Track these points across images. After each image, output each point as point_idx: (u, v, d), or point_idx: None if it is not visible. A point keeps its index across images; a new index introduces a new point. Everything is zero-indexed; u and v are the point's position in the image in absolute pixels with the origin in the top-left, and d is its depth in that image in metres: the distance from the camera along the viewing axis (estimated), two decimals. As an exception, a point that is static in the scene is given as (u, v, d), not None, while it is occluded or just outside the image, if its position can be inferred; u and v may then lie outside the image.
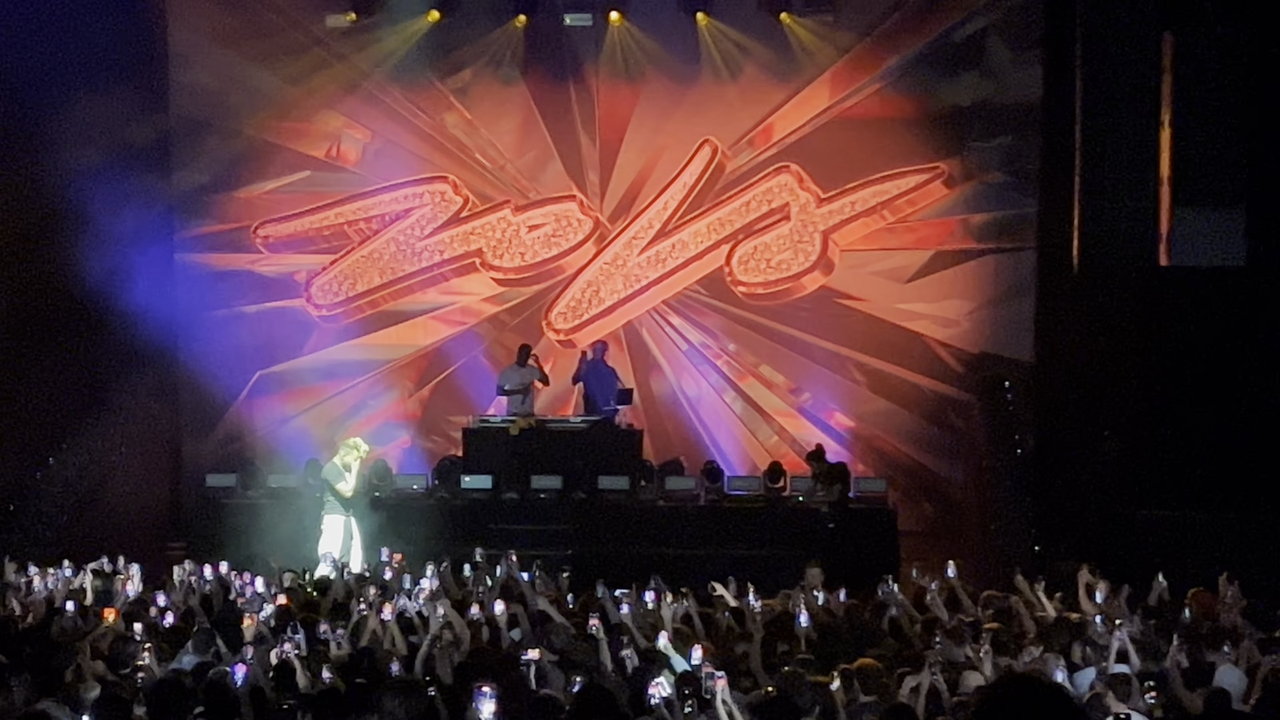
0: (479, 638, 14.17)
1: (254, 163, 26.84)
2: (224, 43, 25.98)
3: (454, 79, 26.48)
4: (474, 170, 26.93)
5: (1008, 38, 25.66)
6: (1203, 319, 22.80)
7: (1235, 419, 22.75)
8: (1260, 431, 22.64)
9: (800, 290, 26.55)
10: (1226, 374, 22.81)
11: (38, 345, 23.31)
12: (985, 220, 26.01)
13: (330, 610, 15.40)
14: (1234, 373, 22.75)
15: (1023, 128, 25.53)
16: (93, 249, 23.80)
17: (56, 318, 23.17)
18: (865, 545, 22.31)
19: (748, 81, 26.20)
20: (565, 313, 26.94)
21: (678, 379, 26.83)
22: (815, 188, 26.38)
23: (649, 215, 26.74)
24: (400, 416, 26.80)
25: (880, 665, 11.96)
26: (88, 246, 23.71)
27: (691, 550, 22.21)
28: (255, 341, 26.43)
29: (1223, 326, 22.63)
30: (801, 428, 26.56)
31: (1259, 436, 22.62)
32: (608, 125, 26.61)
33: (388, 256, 27.02)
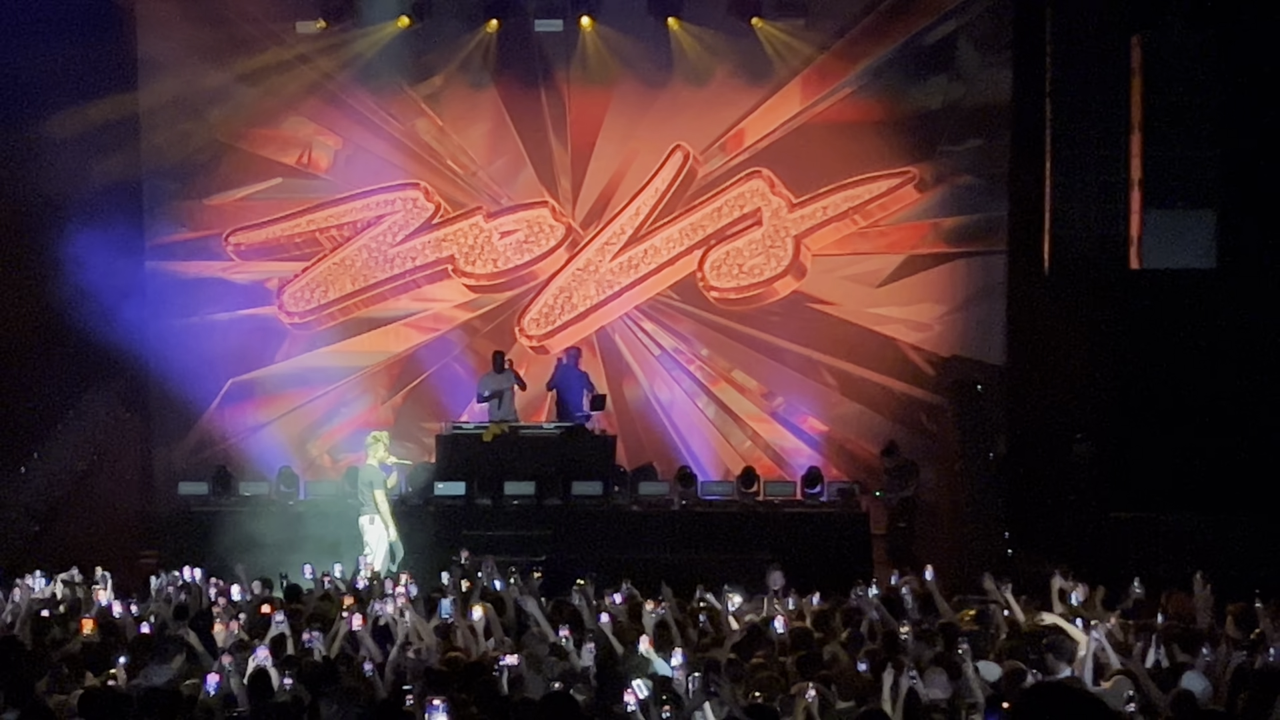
0: (458, 644, 14.14)
1: (225, 170, 26.78)
2: (194, 50, 25.88)
3: (425, 85, 26.44)
4: (446, 176, 26.90)
5: (977, 41, 25.71)
6: (1173, 321, 22.87)
7: (1206, 420, 22.82)
8: (1231, 432, 22.71)
9: (772, 295, 26.56)
10: (1197, 376, 22.88)
11: (7, 354, 23.23)
12: (956, 224, 26.04)
13: (309, 617, 15.36)
14: (1205, 374, 22.81)
15: (993, 131, 25.59)
16: (63, 257, 23.73)
17: (27, 327, 23.08)
18: (838, 549, 22.34)
19: (719, 86, 26.21)
20: (538, 319, 26.92)
21: (650, 384, 26.82)
22: (787, 192, 26.39)
23: (621, 221, 26.73)
24: (373, 424, 26.68)
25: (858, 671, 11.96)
26: (58, 255, 23.64)
27: (665, 555, 22.18)
28: (227, 349, 26.35)
29: (1193, 328, 22.69)
30: (774, 432, 26.57)
31: (1230, 437, 22.69)
32: (579, 131, 26.59)
33: (360, 263, 26.96)
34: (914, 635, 13.76)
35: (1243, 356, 22.45)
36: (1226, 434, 22.76)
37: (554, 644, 13.38)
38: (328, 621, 15.21)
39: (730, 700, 10.61)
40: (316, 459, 26.38)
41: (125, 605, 16.52)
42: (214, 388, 26.35)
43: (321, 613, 15.95)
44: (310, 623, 14.85)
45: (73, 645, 14.14)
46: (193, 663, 13.19)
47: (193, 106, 26.27)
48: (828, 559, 21.41)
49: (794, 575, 18.20)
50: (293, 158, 26.90)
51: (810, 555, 21.55)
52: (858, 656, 13.01)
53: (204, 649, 13.55)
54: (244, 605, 16.63)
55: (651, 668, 12.49)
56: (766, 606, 16.07)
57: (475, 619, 14.66)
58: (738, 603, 16.58)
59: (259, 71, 25.77)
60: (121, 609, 16.22)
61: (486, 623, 14.73)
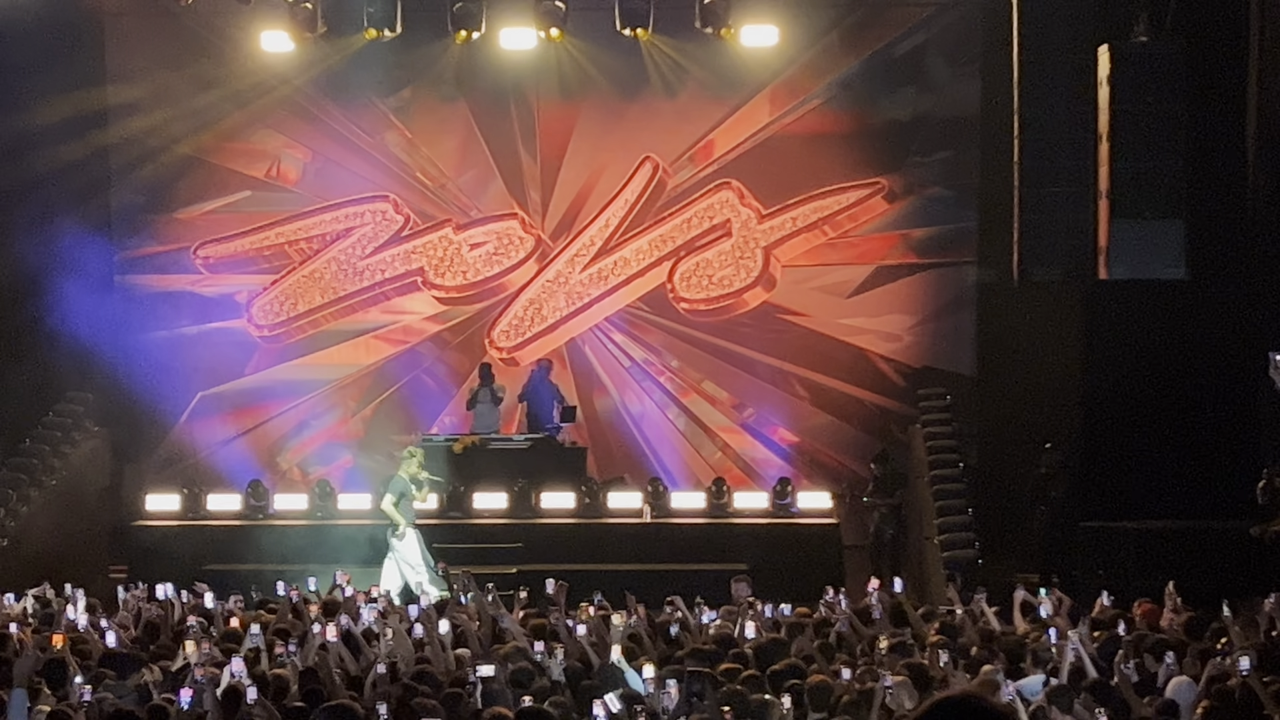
0: (436, 656, 14.14)
1: (193, 183, 26.72)
2: (161, 63, 25.78)
3: (394, 98, 26.41)
4: (415, 189, 26.87)
5: (946, 53, 25.79)
6: (1142, 331, 22.92)
7: (1176, 430, 22.87)
8: (1200, 442, 22.76)
9: (742, 306, 26.58)
10: (1167, 385, 22.93)
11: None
12: (926, 235, 26.11)
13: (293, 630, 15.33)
14: (1174, 384, 22.86)
15: (962, 142, 25.67)
16: (31, 271, 23.68)
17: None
18: (809, 560, 22.37)
19: (688, 98, 26.23)
20: (508, 330, 26.89)
21: (621, 396, 26.81)
22: (756, 204, 26.42)
23: (590, 232, 26.73)
24: (343, 436, 26.68)
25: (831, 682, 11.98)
26: (27, 268, 23.58)
27: (635, 566, 22.20)
28: (196, 362, 26.26)
29: (1162, 339, 22.75)
30: (745, 443, 26.58)
31: (1199, 447, 22.74)
32: (548, 143, 26.59)
33: (329, 276, 26.92)
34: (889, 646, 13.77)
35: (1211, 366, 22.50)
36: (1195, 443, 22.81)
37: (529, 657, 13.36)
38: (299, 634, 15.21)
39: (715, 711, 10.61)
40: (287, 472, 26.30)
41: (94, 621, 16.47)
42: (184, 401, 26.26)
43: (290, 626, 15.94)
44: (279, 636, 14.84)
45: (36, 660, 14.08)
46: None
47: (160, 120, 26.16)
48: (799, 570, 21.41)
49: (765, 586, 18.22)
50: (261, 170, 26.85)
51: (782, 566, 21.57)
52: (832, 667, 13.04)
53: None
54: (216, 618, 16.60)
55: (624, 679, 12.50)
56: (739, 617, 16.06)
57: (443, 632, 14.65)
58: (710, 615, 16.58)
59: (226, 84, 25.66)
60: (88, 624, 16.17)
61: (457, 635, 14.72)
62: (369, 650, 14.47)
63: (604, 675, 12.54)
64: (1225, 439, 22.59)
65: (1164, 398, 22.93)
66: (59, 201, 24.36)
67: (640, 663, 13.25)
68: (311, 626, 15.06)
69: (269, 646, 14.33)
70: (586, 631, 14.67)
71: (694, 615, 16.54)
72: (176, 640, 15.38)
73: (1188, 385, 22.58)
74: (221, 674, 12.86)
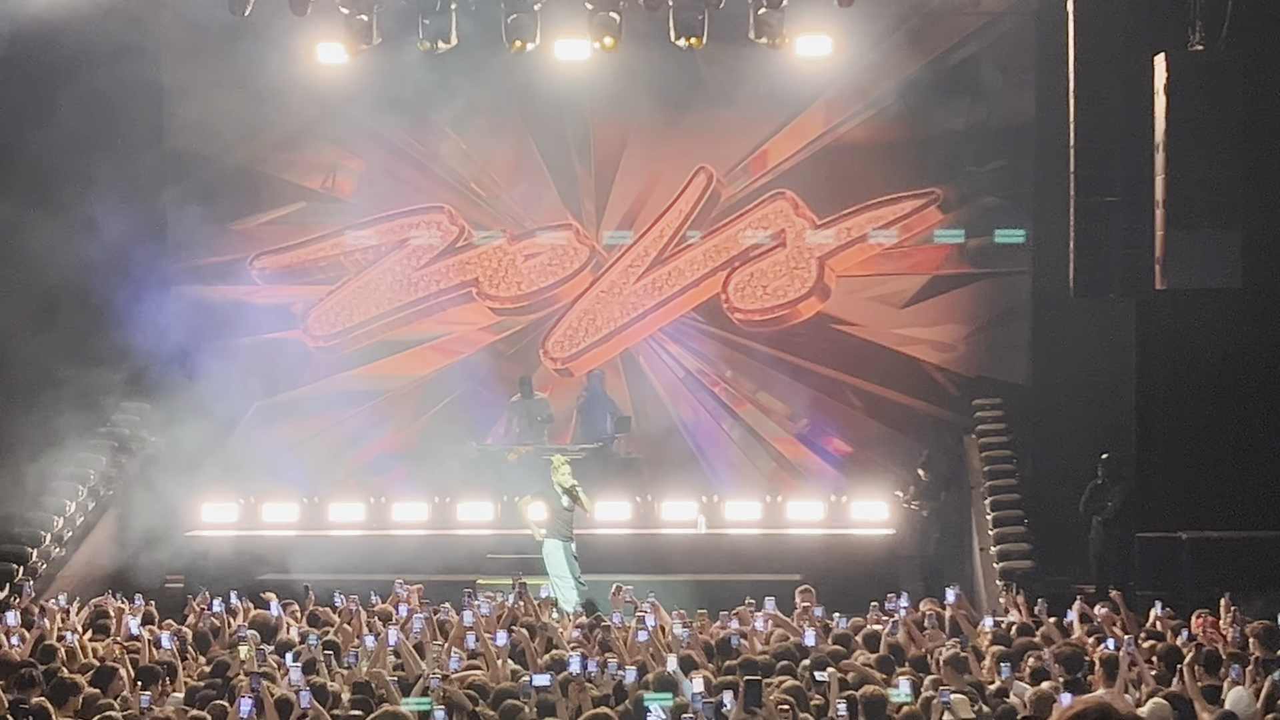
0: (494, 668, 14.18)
1: (249, 195, 26.86)
2: (217, 75, 25.90)
3: (448, 109, 26.44)
4: (469, 199, 26.95)
5: (1000, 62, 25.72)
6: (1197, 341, 22.82)
7: (1232, 440, 22.77)
8: (1256, 452, 22.66)
9: (797, 316, 26.55)
10: (1222, 395, 22.83)
11: (36, 379, 23.32)
12: (980, 244, 26.03)
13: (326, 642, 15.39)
14: (1229, 393, 22.76)
15: (1016, 151, 25.57)
16: (88, 281, 23.82)
17: (54, 352, 23.15)
18: (864, 570, 22.35)
19: (742, 109, 26.22)
20: (562, 341, 26.94)
21: (675, 406, 26.80)
22: (811, 214, 26.40)
23: (645, 242, 26.75)
24: (398, 447, 26.75)
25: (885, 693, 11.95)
26: (83, 278, 23.72)
27: (690, 577, 22.21)
28: (252, 372, 26.33)
29: (1218, 348, 22.65)
30: (799, 454, 26.56)
31: (1255, 457, 22.64)
32: (602, 153, 26.63)
33: (384, 287, 27.01)
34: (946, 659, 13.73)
35: (1267, 375, 22.38)
36: (1252, 453, 22.71)
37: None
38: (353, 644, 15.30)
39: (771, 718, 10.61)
40: (342, 482, 26.36)
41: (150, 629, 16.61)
42: (240, 411, 26.34)
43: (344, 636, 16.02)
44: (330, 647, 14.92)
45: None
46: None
47: (216, 132, 26.32)
48: (854, 580, 21.38)
49: (820, 597, 18.22)
50: (317, 182, 26.97)
51: (836, 576, 21.55)
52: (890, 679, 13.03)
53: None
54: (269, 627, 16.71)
55: (680, 688, 12.51)
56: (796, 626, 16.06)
57: (500, 643, 14.68)
58: (764, 623, 16.59)
59: (282, 97, 25.74)
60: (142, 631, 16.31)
61: (516, 646, 14.76)
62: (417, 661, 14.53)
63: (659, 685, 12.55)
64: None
65: (1219, 407, 22.82)
66: (116, 212, 24.48)
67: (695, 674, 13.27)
68: (365, 636, 15.15)
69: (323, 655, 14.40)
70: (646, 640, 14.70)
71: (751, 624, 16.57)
72: (231, 649, 15.50)
73: (1243, 395, 22.47)
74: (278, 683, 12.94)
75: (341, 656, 14.75)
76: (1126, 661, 13.24)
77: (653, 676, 12.86)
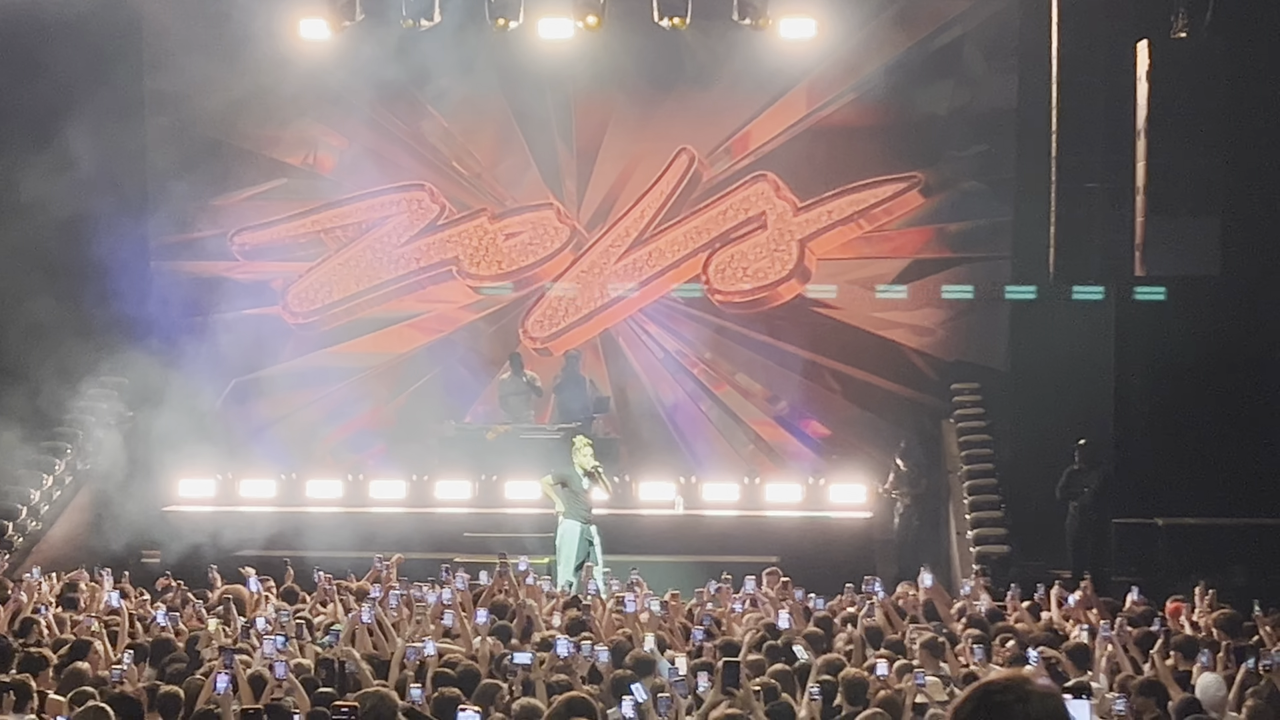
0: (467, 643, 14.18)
1: (230, 170, 26.78)
2: (199, 50, 25.80)
3: (431, 87, 26.37)
4: (451, 178, 26.92)
5: (983, 47, 25.71)
6: (1176, 327, 22.88)
7: (1209, 426, 22.85)
8: (1233, 438, 22.74)
9: (777, 299, 26.55)
10: (1200, 381, 22.90)
11: (15, 352, 23.29)
12: (961, 229, 26.04)
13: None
14: (1207, 380, 22.83)
15: (998, 136, 25.57)
16: (67, 255, 23.77)
17: (33, 327, 23.12)
18: (841, 553, 22.39)
19: (725, 90, 26.21)
20: (542, 320, 26.92)
21: (654, 387, 26.81)
22: (792, 196, 26.40)
23: (626, 223, 26.74)
24: (376, 424, 26.73)
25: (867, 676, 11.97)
26: (62, 252, 23.68)
27: (667, 558, 22.23)
28: (231, 348, 26.25)
29: (1196, 334, 22.71)
30: (777, 436, 26.58)
31: (1232, 443, 22.72)
32: (584, 133, 26.60)
33: (364, 264, 26.98)
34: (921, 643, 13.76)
35: (1245, 362, 22.47)
36: (1229, 439, 22.79)
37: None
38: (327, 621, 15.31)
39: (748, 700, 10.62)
40: (320, 459, 26.32)
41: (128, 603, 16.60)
42: (219, 387, 26.30)
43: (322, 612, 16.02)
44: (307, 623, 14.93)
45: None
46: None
47: (198, 107, 26.25)
48: (831, 563, 21.42)
49: (796, 579, 18.25)
50: (298, 158, 26.92)
51: (814, 559, 21.59)
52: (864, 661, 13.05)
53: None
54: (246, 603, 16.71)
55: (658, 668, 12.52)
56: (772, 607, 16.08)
57: (481, 621, 14.68)
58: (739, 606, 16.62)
59: (264, 72, 25.66)
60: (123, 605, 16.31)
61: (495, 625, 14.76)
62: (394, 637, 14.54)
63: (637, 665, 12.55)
64: (1258, 435, 22.56)
65: (1196, 394, 22.90)
66: (96, 187, 24.42)
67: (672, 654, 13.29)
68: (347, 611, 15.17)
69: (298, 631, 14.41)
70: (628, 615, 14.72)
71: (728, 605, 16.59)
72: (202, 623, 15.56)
73: (1220, 382, 22.53)
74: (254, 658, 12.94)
75: (314, 632, 14.76)
76: (1104, 646, 13.27)
77: (630, 657, 12.87)
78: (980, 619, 15.74)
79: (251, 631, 14.70)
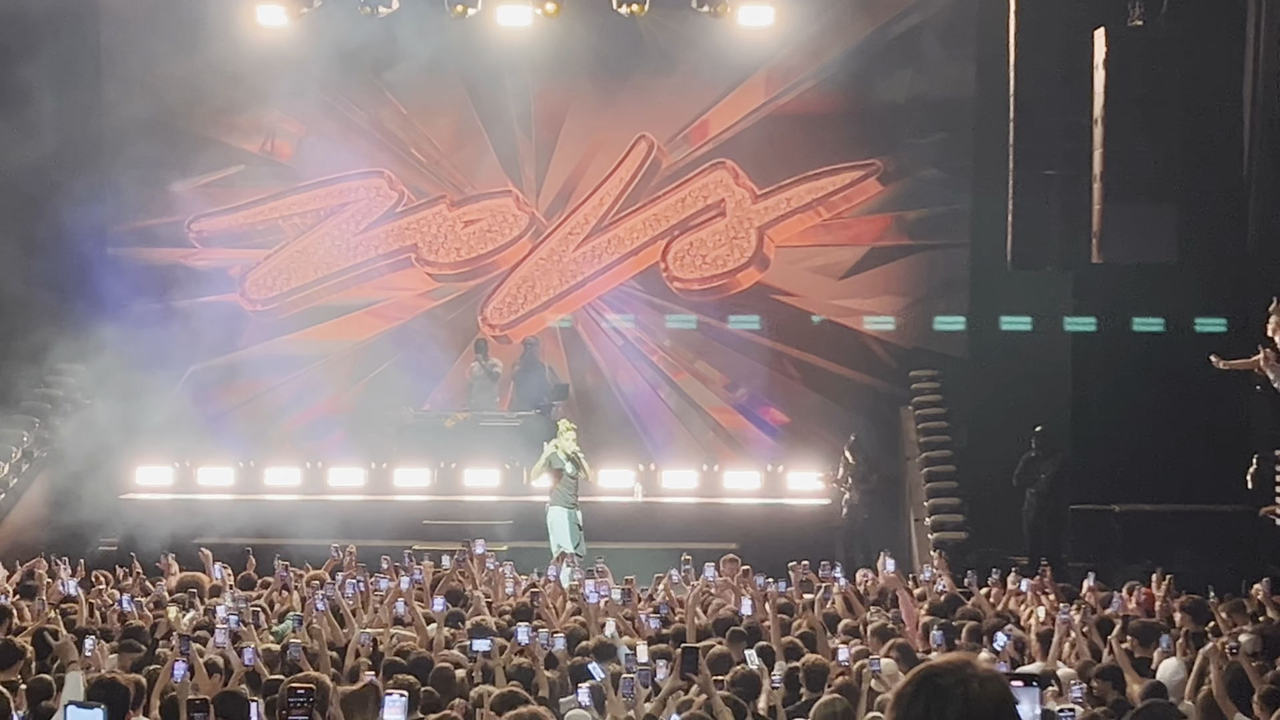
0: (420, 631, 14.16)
1: (187, 157, 26.67)
2: (156, 38, 25.71)
3: (389, 73, 26.36)
4: (409, 165, 26.87)
5: (942, 35, 25.75)
6: (1133, 315, 22.97)
7: (1165, 414, 22.94)
8: (1189, 426, 22.84)
9: (736, 286, 26.58)
10: (1157, 369, 23.00)
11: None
12: (919, 216, 26.10)
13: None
14: (1163, 368, 22.93)
15: (956, 124, 25.63)
16: (23, 242, 23.65)
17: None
18: (800, 539, 22.42)
19: (684, 77, 26.21)
20: (501, 308, 26.90)
21: (613, 374, 26.81)
22: (751, 184, 26.43)
23: (585, 211, 26.73)
24: (335, 411, 26.66)
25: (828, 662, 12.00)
26: (20, 239, 23.56)
27: (626, 545, 22.25)
28: (189, 336, 26.19)
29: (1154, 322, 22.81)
30: (736, 423, 26.61)
31: (1188, 431, 22.82)
32: (543, 120, 26.59)
33: (322, 251, 26.92)
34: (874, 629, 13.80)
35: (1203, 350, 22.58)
36: (1185, 427, 22.89)
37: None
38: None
39: (707, 686, 10.63)
40: (278, 447, 26.26)
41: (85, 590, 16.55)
42: (176, 375, 26.22)
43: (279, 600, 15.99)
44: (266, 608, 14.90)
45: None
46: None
47: (156, 94, 26.13)
48: (790, 549, 21.44)
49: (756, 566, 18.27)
50: (256, 145, 26.84)
51: (773, 546, 21.61)
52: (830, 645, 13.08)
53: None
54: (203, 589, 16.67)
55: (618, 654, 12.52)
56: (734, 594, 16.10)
57: (438, 609, 14.66)
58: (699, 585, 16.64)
59: (221, 59, 25.57)
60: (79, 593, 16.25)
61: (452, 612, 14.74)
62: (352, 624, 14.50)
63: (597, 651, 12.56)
64: (1214, 423, 22.66)
65: (1152, 381, 22.99)
66: (52, 174, 24.32)
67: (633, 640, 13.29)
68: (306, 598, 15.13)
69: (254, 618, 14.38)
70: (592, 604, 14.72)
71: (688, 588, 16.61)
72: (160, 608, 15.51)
73: (1176, 368, 22.62)
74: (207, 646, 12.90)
75: (269, 620, 14.74)
76: (1062, 630, 13.32)
77: (592, 642, 12.88)
78: (940, 605, 15.79)
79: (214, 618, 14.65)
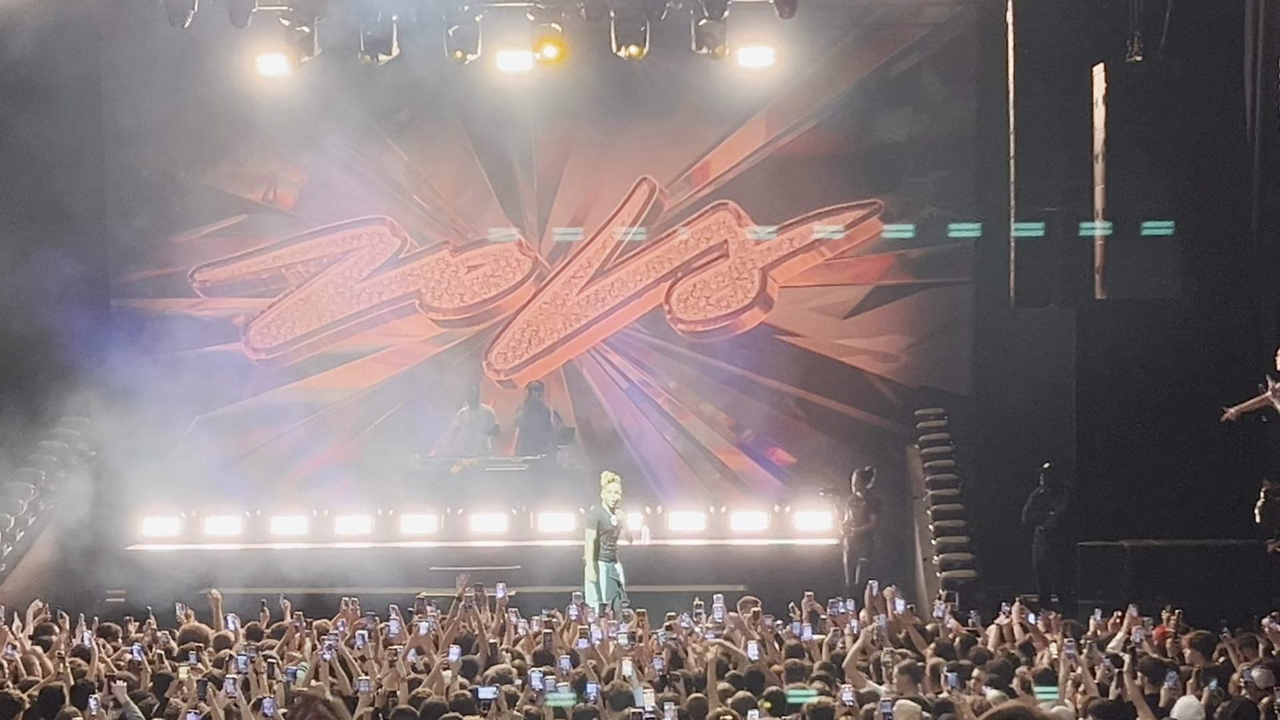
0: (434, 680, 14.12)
1: (190, 207, 26.68)
2: (158, 88, 25.74)
3: (390, 121, 26.40)
4: (411, 211, 26.89)
5: (941, 73, 25.81)
6: (1138, 350, 22.92)
7: (1173, 449, 22.87)
8: (1197, 461, 22.76)
9: (740, 327, 26.57)
10: (1163, 404, 22.94)
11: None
12: (922, 255, 26.10)
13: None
14: (1171, 402, 22.87)
15: (957, 162, 25.65)
16: (25, 294, 23.67)
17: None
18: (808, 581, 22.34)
19: (684, 120, 26.25)
20: (505, 353, 26.88)
21: (619, 417, 26.79)
22: (753, 224, 26.42)
23: (587, 254, 26.73)
24: (340, 459, 26.63)
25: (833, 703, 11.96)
26: (20, 292, 23.58)
27: (634, 588, 22.17)
28: (193, 386, 26.11)
29: (1158, 357, 22.75)
30: (743, 464, 26.57)
31: (1196, 466, 22.74)
32: (545, 164, 26.61)
33: (326, 299, 26.91)
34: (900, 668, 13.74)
35: (1208, 385, 22.52)
36: (1193, 462, 22.80)
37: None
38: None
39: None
40: (285, 495, 26.21)
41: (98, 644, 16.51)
42: (181, 425, 26.18)
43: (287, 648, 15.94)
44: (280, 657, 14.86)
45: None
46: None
47: (157, 144, 26.18)
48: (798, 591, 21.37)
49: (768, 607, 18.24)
50: (258, 194, 26.86)
51: (782, 587, 21.54)
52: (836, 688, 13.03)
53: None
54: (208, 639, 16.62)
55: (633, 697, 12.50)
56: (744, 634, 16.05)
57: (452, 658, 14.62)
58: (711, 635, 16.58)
59: (222, 108, 25.62)
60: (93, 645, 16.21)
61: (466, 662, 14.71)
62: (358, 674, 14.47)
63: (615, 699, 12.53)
64: (1222, 457, 22.58)
65: (1160, 416, 22.93)
66: (54, 225, 24.35)
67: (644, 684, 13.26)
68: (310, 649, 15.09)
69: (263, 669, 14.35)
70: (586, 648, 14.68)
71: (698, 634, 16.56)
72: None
73: (1183, 403, 22.56)
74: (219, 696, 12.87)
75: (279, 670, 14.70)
76: (1067, 667, 13.28)
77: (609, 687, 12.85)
78: (950, 646, 15.73)
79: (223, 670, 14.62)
